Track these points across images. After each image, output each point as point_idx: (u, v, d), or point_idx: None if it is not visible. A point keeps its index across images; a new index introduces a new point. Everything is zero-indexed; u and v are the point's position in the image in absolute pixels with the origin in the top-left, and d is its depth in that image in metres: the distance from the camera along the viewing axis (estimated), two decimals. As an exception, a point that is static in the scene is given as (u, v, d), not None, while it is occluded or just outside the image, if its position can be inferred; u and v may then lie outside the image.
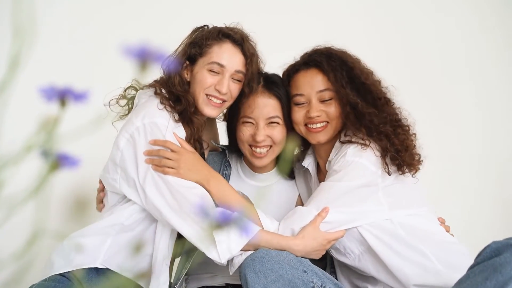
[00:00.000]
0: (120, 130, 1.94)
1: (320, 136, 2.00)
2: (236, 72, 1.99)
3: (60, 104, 0.69)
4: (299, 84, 2.03)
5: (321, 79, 1.99)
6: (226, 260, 1.81)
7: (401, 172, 1.92)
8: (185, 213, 1.82)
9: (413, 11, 3.70)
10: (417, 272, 1.86)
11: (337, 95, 1.97)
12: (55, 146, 0.67)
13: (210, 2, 3.46)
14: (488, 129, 3.68)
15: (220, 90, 1.95)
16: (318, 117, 1.98)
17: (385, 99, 1.98)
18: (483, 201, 3.60)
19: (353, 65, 2.00)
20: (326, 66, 1.99)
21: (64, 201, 0.80)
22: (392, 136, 1.91)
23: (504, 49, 3.72)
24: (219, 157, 2.22)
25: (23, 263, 0.76)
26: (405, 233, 1.89)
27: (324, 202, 1.87)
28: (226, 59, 1.97)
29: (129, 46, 0.65)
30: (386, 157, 1.90)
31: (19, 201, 0.68)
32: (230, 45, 1.99)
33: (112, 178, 1.93)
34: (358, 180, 1.87)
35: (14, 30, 0.67)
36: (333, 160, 1.95)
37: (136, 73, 0.66)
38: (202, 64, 1.98)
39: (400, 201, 1.92)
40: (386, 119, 1.94)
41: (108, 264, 1.90)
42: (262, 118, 2.04)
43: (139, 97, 1.99)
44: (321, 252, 1.89)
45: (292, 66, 2.09)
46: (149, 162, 1.85)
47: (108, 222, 1.93)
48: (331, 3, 3.62)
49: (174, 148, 1.87)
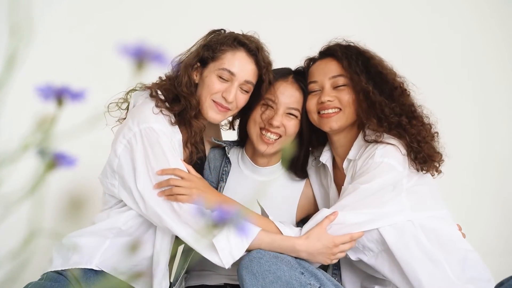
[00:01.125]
0: (117, 133, 1.92)
1: (332, 121, 1.96)
2: (245, 82, 1.96)
3: (57, 103, 0.69)
4: (313, 72, 2.03)
5: (335, 66, 1.99)
6: (229, 265, 1.79)
7: (425, 170, 1.89)
8: (186, 219, 1.81)
9: (410, 12, 3.70)
10: (430, 279, 1.84)
11: (351, 82, 1.95)
12: (52, 145, 0.67)
13: (210, 5, 3.46)
14: (487, 129, 3.69)
15: (226, 98, 1.93)
16: (330, 102, 1.95)
17: (401, 89, 1.96)
18: (482, 201, 3.61)
19: (370, 55, 1.99)
20: (340, 53, 1.98)
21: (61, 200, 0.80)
22: (407, 127, 1.89)
23: (502, 49, 3.73)
24: (220, 154, 2.21)
25: (19, 262, 0.76)
26: (425, 236, 1.87)
27: (349, 204, 1.85)
28: (237, 68, 1.95)
29: (125, 45, 0.65)
30: (411, 154, 1.88)
31: (16, 200, 0.68)
32: (244, 54, 1.97)
33: (111, 183, 1.92)
34: (386, 180, 1.85)
35: (11, 29, 0.67)
36: (360, 162, 1.92)
37: (132, 72, 0.66)
38: (213, 68, 1.95)
39: (422, 202, 1.91)
40: (400, 109, 1.92)
41: (104, 266, 1.89)
42: (284, 105, 2.04)
43: (135, 98, 1.97)
44: (328, 257, 1.85)
45: (309, 59, 2.09)
46: (160, 195, 1.83)
47: (105, 225, 1.92)
48: (328, 6, 3.62)
49: (183, 176, 1.84)
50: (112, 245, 1.92)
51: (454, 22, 3.72)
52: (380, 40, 3.60)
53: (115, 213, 1.93)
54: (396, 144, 1.87)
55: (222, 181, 2.15)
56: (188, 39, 2.03)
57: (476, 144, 3.67)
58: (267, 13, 3.54)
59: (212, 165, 2.19)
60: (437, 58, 3.69)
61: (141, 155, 1.84)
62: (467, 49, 3.72)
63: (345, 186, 1.95)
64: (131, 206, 1.89)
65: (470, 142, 3.65)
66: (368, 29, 3.61)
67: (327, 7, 3.63)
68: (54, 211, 0.74)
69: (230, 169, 2.18)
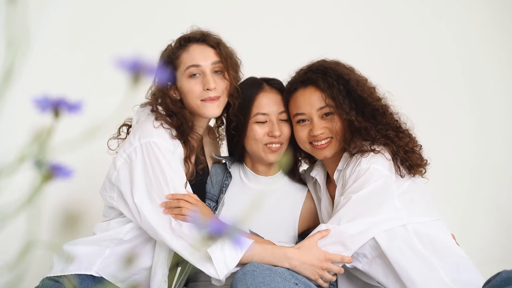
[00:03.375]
0: (119, 149, 1.95)
1: (326, 151, 2.02)
2: (213, 64, 1.99)
3: (54, 114, 0.69)
4: (298, 103, 2.05)
5: (319, 97, 2.01)
6: (224, 276, 1.81)
7: (412, 174, 1.94)
8: (182, 233, 1.83)
9: (407, 17, 3.71)
10: (425, 282, 1.86)
11: (336, 110, 2.00)
12: (49, 156, 0.67)
13: (205, 13, 3.47)
14: (482, 135, 3.69)
15: (208, 87, 1.95)
16: (321, 134, 2.00)
17: (382, 109, 2.00)
18: (477, 206, 3.61)
19: (348, 77, 2.02)
20: (322, 83, 2.00)
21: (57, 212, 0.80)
22: (395, 139, 1.94)
23: (499, 54, 3.73)
24: (222, 169, 2.24)
25: (16, 274, 0.76)
26: (418, 241, 1.89)
27: (344, 216, 1.88)
28: (198, 58, 1.98)
29: (122, 59, 0.65)
30: (397, 160, 1.93)
31: (12, 211, 0.68)
32: (195, 45, 2.01)
33: (110, 196, 1.95)
34: (375, 186, 1.88)
35: (8, 41, 0.68)
36: (348, 171, 1.96)
37: (129, 85, 0.66)
38: (180, 75, 1.99)
39: (416, 207, 1.93)
40: (385, 128, 1.96)
41: (103, 273, 1.91)
42: (274, 114, 2.09)
43: (138, 115, 2.00)
44: (317, 271, 1.86)
45: (289, 85, 2.11)
46: (168, 212, 1.86)
47: (106, 236, 1.95)
48: (324, 11, 3.63)
49: (193, 201, 1.89)
50: (112, 253, 1.94)
51: (451, 26, 3.73)
52: (377, 45, 3.63)
53: (116, 224, 1.96)
54: (380, 150, 1.92)
55: (223, 193, 2.18)
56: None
57: (471, 149, 3.67)
58: (262, 20, 3.55)
59: (215, 180, 2.21)
60: (434, 63, 3.70)
61: (140, 169, 1.87)
62: (464, 52, 3.73)
63: (337, 198, 1.98)
64: (130, 218, 1.92)
65: (465, 148, 3.65)
66: (365, 35, 3.62)
67: (323, 11, 3.64)
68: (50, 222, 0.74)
69: (231, 182, 2.19)
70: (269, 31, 3.50)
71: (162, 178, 1.86)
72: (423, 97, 3.59)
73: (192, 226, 1.82)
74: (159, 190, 1.86)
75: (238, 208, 2.10)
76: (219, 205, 2.13)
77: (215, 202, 2.16)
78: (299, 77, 2.09)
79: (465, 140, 3.67)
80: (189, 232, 1.82)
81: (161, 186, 1.86)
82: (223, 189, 2.17)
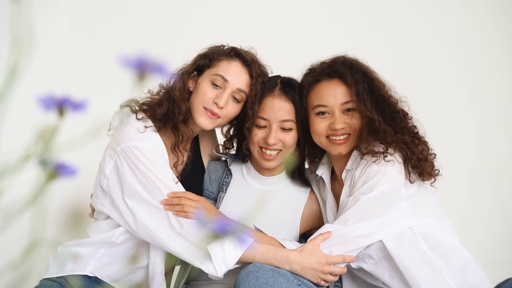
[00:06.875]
0: (104, 152, 1.95)
1: (342, 148, 1.97)
2: (238, 90, 1.98)
3: (58, 113, 0.69)
4: (321, 94, 1.99)
5: (344, 91, 1.96)
6: (222, 274, 1.81)
7: (421, 179, 1.92)
8: (186, 232, 1.83)
9: (406, 17, 3.71)
10: (430, 285, 1.85)
11: (358, 107, 1.95)
12: (53, 155, 0.67)
13: (207, 14, 3.47)
14: (483, 134, 3.69)
15: (218, 103, 1.94)
16: (342, 129, 1.96)
17: (403, 113, 1.97)
18: (479, 206, 3.60)
19: (372, 76, 1.99)
20: (349, 78, 1.96)
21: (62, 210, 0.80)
22: (411, 145, 1.91)
23: (499, 55, 3.73)
24: (221, 166, 2.22)
25: (20, 272, 0.76)
26: (425, 243, 1.88)
27: (352, 217, 1.86)
28: (231, 75, 1.97)
29: (127, 57, 0.65)
30: (408, 165, 1.90)
31: (17, 210, 0.69)
32: (239, 64, 2.00)
33: (101, 203, 1.94)
34: (385, 188, 1.86)
35: (13, 40, 0.68)
36: (357, 172, 1.94)
37: (134, 83, 0.66)
38: (207, 74, 1.99)
39: (423, 209, 1.92)
40: (403, 132, 1.93)
41: (98, 274, 1.91)
42: (275, 120, 2.03)
43: (121, 116, 2.01)
44: (319, 274, 1.86)
45: (312, 77, 2.04)
46: (169, 209, 1.86)
47: (99, 240, 1.95)
48: (323, 13, 3.63)
49: (194, 198, 1.90)
50: (106, 253, 1.94)
51: (451, 26, 3.73)
52: (378, 49, 3.62)
53: (107, 226, 1.95)
54: (391, 159, 1.89)
55: (222, 192, 2.15)
56: (186, 49, 2.05)
57: (472, 150, 3.66)
58: (266, 25, 3.55)
59: (214, 177, 2.19)
60: (434, 63, 3.70)
61: (128, 174, 1.87)
62: (464, 54, 3.73)
63: (343, 198, 1.96)
64: (121, 224, 1.91)
65: (466, 149, 3.65)
66: (366, 37, 3.62)
67: (325, 17, 3.64)
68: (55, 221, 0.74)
69: (231, 180, 2.18)
70: (269, 31, 3.50)
71: (152, 179, 1.86)
72: (423, 97, 3.57)
73: (195, 223, 1.82)
74: (152, 191, 1.86)
75: (241, 206, 2.09)
76: (217, 202, 2.12)
77: (213, 199, 2.14)
78: (324, 68, 2.03)
79: (467, 140, 3.67)
80: (192, 230, 1.81)
81: (153, 187, 1.86)
82: (223, 187, 2.16)
